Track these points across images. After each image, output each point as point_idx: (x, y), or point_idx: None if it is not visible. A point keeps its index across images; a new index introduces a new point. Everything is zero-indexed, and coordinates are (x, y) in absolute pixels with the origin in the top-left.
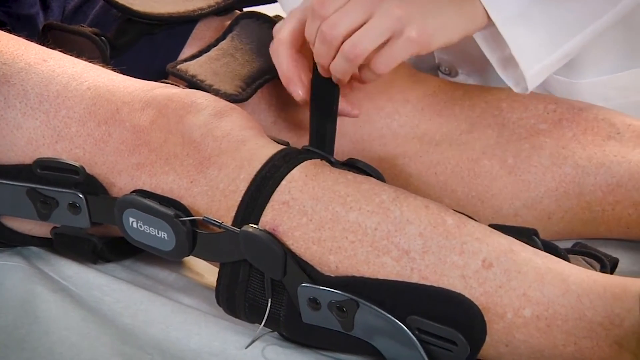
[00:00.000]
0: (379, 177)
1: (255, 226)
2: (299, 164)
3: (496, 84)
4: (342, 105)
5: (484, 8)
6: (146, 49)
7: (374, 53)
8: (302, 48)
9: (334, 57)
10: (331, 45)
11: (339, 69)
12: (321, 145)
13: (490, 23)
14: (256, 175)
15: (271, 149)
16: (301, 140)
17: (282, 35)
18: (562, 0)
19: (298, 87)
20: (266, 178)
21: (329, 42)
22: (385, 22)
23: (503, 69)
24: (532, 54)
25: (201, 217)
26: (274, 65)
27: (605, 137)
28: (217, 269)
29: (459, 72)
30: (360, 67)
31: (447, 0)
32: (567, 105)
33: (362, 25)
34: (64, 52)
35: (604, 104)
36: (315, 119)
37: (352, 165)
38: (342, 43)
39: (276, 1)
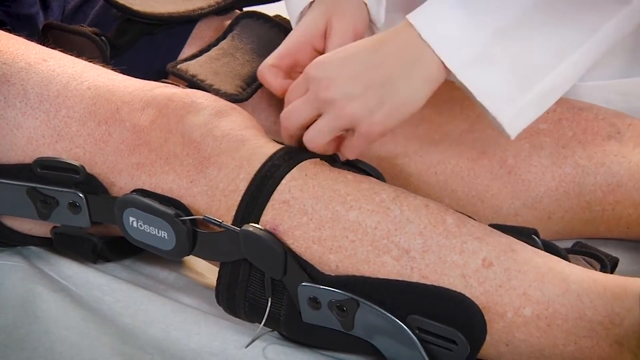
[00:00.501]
0: (379, 176)
1: (256, 225)
2: (298, 163)
3: None
4: None
5: (439, 58)
6: (146, 49)
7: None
8: (291, 71)
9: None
10: (289, 135)
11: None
12: None
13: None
14: (256, 175)
15: (271, 148)
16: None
17: (270, 57)
18: (523, 36)
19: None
20: (266, 177)
21: (286, 131)
22: (333, 123)
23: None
24: (501, 96)
25: (201, 217)
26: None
27: (606, 136)
28: (217, 269)
29: None
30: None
31: (400, 76)
32: (567, 105)
33: (316, 118)
34: (64, 52)
35: (605, 106)
36: None
37: (352, 165)
38: (302, 130)
39: (276, 0)
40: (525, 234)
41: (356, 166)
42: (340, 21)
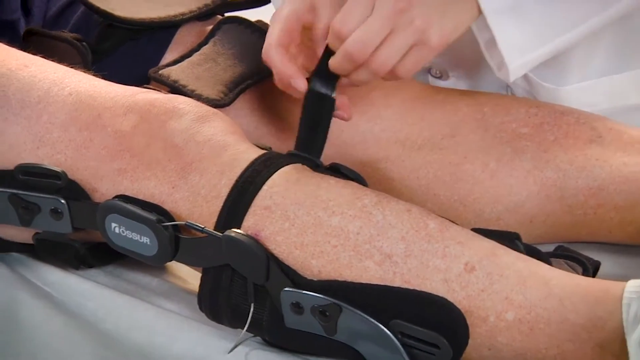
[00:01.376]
0: (362, 181)
1: (238, 231)
2: (280, 168)
3: (486, 89)
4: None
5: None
6: (128, 55)
7: None
8: (293, 47)
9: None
10: (357, 63)
11: (361, 79)
12: (309, 149)
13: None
14: (237, 181)
15: (252, 153)
16: (284, 145)
17: (272, 38)
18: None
19: (299, 81)
20: (247, 183)
21: (354, 60)
22: (410, 36)
23: (488, 50)
24: (517, 47)
25: (184, 222)
26: (256, 69)
27: (587, 140)
28: (200, 274)
29: (449, 76)
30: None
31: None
32: (549, 109)
33: (385, 39)
34: (45, 58)
35: (589, 109)
36: (305, 126)
37: (335, 170)
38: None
39: (258, 6)
40: (507, 238)
41: (338, 171)
42: None
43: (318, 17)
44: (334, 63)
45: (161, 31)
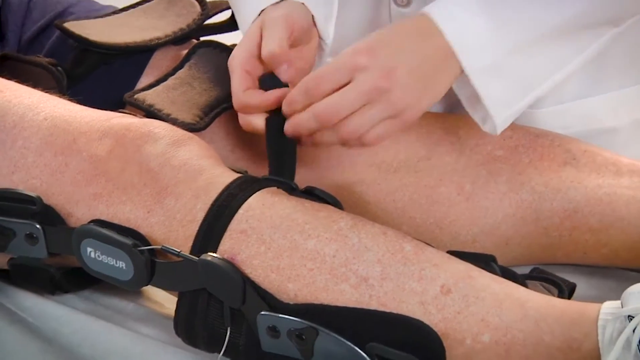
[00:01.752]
0: (337, 204)
1: (214, 255)
2: (255, 192)
3: None
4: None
5: (459, 60)
6: (103, 79)
7: None
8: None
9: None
10: (323, 126)
11: (325, 140)
12: (280, 173)
13: (462, 72)
14: (213, 205)
15: (228, 177)
16: (260, 169)
17: (236, 88)
18: (533, 51)
19: (250, 119)
20: (222, 207)
21: (322, 123)
22: (383, 111)
23: (471, 105)
24: (502, 101)
25: (160, 247)
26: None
27: (562, 163)
28: (176, 299)
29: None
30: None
31: (437, 68)
32: (524, 132)
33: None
34: (20, 83)
35: (563, 131)
36: (272, 153)
37: (310, 193)
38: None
39: (234, 30)
40: (483, 261)
41: (314, 194)
42: (271, 25)
43: (262, 49)
44: (300, 120)
45: (136, 55)
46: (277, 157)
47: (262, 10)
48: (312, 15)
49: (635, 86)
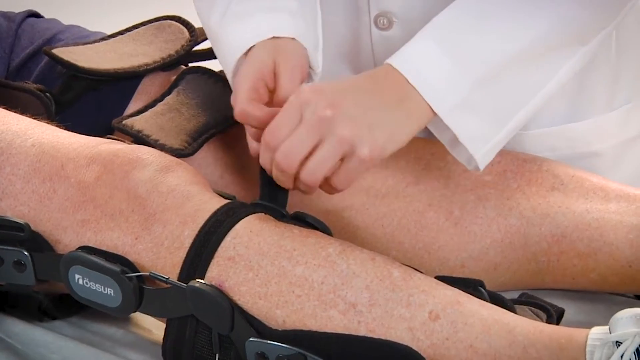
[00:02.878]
0: (326, 230)
1: (202, 281)
2: (242, 218)
3: None
4: None
5: (427, 102)
6: (91, 105)
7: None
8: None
9: (294, 179)
10: (289, 174)
11: (302, 189)
12: (273, 199)
13: (435, 113)
14: (200, 232)
15: (215, 203)
16: (249, 194)
17: (241, 97)
18: (500, 81)
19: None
20: (210, 233)
21: (285, 171)
22: (336, 147)
23: (453, 147)
24: (479, 136)
25: (148, 273)
26: (220, 119)
27: (549, 188)
28: (165, 325)
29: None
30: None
31: (392, 107)
32: (511, 157)
33: (313, 149)
34: (8, 109)
35: (550, 154)
36: (265, 179)
37: (299, 219)
38: (298, 167)
39: None
40: (471, 286)
41: (303, 220)
42: (286, 61)
43: (279, 86)
44: (274, 174)
45: (125, 81)
46: (269, 183)
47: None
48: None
49: (622, 108)
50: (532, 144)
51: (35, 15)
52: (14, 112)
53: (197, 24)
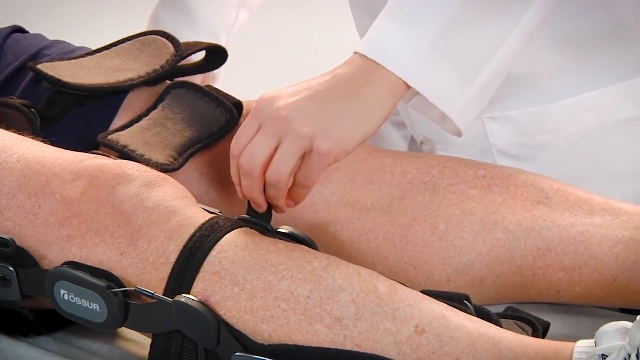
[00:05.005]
0: (311, 244)
1: (188, 296)
2: (227, 232)
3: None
4: None
5: (391, 75)
6: (76, 120)
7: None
8: None
9: (263, 187)
10: (254, 177)
11: (272, 197)
12: (258, 214)
13: (405, 90)
14: (184, 247)
15: (200, 218)
16: (234, 209)
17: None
18: (458, 34)
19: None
20: (195, 248)
21: (250, 175)
22: (295, 144)
23: (443, 123)
24: (449, 94)
25: (133, 288)
26: (205, 134)
27: (534, 201)
28: (150, 340)
29: (436, 148)
30: (290, 189)
31: (349, 97)
32: (497, 171)
33: (275, 150)
34: None
35: (577, 127)
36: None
37: (284, 233)
38: (263, 172)
39: (207, 71)
40: (457, 300)
41: (288, 234)
42: None
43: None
44: (243, 186)
45: (110, 96)
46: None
47: None
48: None
49: None
50: (557, 120)
51: (20, 30)
52: None
53: None
